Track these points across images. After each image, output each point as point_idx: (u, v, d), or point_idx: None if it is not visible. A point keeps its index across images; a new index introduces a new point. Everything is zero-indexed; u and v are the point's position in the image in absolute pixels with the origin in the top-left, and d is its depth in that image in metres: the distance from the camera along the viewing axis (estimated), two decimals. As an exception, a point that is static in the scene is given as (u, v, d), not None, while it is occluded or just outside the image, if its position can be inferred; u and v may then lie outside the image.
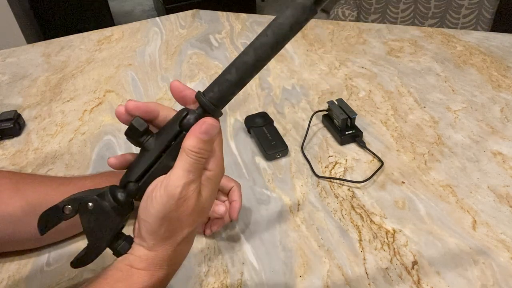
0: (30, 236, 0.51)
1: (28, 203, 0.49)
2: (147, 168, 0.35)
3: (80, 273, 0.52)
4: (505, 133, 0.71)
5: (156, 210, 0.33)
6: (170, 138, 0.35)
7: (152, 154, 0.35)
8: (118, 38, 1.18)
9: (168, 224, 0.34)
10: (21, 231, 0.50)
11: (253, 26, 1.19)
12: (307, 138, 0.72)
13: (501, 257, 0.51)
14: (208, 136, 0.34)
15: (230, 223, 0.58)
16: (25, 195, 0.50)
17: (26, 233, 0.50)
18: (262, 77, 0.93)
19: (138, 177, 0.35)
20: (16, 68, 1.05)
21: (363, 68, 0.93)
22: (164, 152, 0.35)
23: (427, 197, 0.60)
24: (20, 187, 0.51)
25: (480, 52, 0.95)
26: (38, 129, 0.81)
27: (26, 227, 0.50)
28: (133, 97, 0.89)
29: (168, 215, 0.33)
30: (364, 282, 0.49)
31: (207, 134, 0.34)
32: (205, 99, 0.34)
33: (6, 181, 0.51)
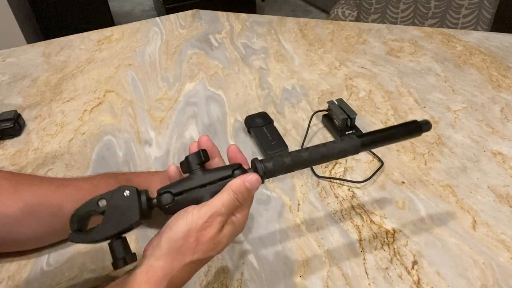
0: (28, 237, 0.51)
1: (26, 204, 0.49)
2: (188, 189, 0.41)
3: (80, 273, 0.52)
4: (505, 133, 0.71)
5: (185, 222, 0.38)
6: (218, 177, 0.42)
7: (197, 182, 0.41)
8: (118, 38, 1.18)
9: (186, 240, 0.38)
10: (19, 232, 0.50)
11: (253, 26, 1.19)
12: (307, 138, 0.72)
13: (501, 257, 0.51)
14: (251, 186, 0.40)
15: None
16: (23, 196, 0.50)
17: (24, 234, 0.50)
18: (262, 77, 0.93)
19: (177, 193, 0.41)
20: (16, 68, 1.05)
21: (363, 68, 0.93)
22: (207, 185, 0.41)
23: (427, 197, 0.60)
24: (18, 188, 0.51)
25: (480, 52, 0.95)
26: (38, 129, 0.81)
27: (24, 228, 0.49)
28: (133, 97, 0.89)
29: (191, 232, 0.38)
30: (364, 282, 0.49)
31: (251, 184, 0.40)
32: (260, 165, 0.42)
33: (4, 182, 0.51)
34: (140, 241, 0.56)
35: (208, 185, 0.41)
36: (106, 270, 0.52)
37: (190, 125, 0.79)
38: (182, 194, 0.41)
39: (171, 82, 0.94)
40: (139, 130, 0.79)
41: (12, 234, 0.50)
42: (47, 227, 0.51)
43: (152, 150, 0.73)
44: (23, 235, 0.50)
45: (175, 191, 0.41)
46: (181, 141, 0.75)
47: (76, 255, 0.54)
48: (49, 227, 0.51)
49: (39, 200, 0.50)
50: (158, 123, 0.80)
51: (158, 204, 0.41)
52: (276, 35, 1.12)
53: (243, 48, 1.07)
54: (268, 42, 1.09)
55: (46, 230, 0.51)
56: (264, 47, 1.06)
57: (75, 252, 0.55)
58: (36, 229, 0.50)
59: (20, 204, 0.49)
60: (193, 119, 0.81)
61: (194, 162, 0.42)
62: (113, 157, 0.72)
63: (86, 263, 0.53)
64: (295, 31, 1.14)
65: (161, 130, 0.78)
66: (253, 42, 1.09)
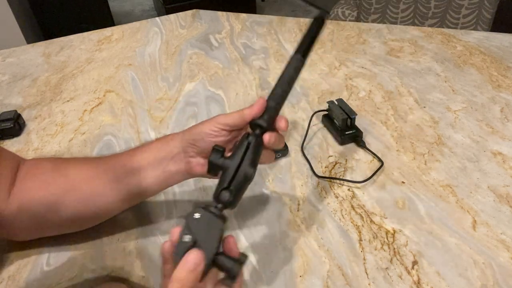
0: (68, 216, 0.51)
1: (68, 182, 0.51)
2: (233, 175, 0.42)
3: (80, 273, 0.52)
4: (505, 133, 0.71)
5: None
6: (239, 147, 0.43)
7: (233, 167, 0.42)
8: (118, 38, 1.18)
9: None
10: (60, 211, 0.50)
11: (253, 26, 1.19)
12: (307, 138, 0.72)
13: (501, 257, 0.51)
14: (193, 267, 0.36)
15: (230, 223, 0.58)
16: (68, 175, 0.52)
17: (65, 213, 0.51)
18: (262, 77, 0.93)
19: (228, 183, 0.42)
20: (16, 68, 1.05)
21: (363, 68, 0.93)
22: (242, 160, 0.43)
23: (427, 197, 0.60)
24: (62, 167, 0.52)
25: (480, 52, 0.95)
26: (38, 129, 0.81)
27: (66, 208, 0.50)
28: (133, 97, 0.89)
29: None
30: (364, 282, 0.49)
31: (192, 265, 0.36)
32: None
33: (48, 164, 0.53)
34: (139, 241, 0.56)
35: (242, 161, 0.43)
36: (106, 270, 0.53)
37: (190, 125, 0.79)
38: (232, 182, 0.42)
39: (171, 82, 0.94)
40: (139, 130, 0.79)
41: (57, 212, 0.50)
42: (88, 207, 0.51)
43: (152, 150, 0.73)
44: (67, 212, 0.51)
45: (225, 183, 0.42)
46: (181, 141, 0.75)
47: (76, 255, 0.54)
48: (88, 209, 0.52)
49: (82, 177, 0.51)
50: (158, 123, 0.80)
51: (223, 205, 0.41)
52: (276, 35, 1.12)
53: (243, 48, 1.07)
54: (268, 42, 1.09)
55: (85, 211, 0.52)
56: (264, 47, 1.06)
57: (75, 252, 0.55)
58: (76, 208, 0.51)
59: (63, 180, 0.51)
60: (193, 119, 0.81)
61: (218, 158, 0.44)
62: (113, 157, 0.72)
63: (86, 263, 0.53)
64: (295, 31, 1.14)
65: (161, 130, 0.78)
66: (253, 42, 1.09)
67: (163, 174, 0.51)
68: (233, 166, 0.43)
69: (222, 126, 0.48)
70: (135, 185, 0.51)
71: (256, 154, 0.44)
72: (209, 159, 0.44)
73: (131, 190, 0.52)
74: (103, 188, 0.51)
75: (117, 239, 0.56)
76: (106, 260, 0.54)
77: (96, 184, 0.51)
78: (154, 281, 0.51)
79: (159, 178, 0.51)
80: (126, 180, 0.51)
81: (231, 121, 0.47)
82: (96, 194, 0.51)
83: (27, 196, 0.49)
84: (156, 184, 0.52)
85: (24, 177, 0.51)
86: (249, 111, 0.46)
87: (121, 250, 0.55)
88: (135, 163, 0.51)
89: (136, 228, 0.57)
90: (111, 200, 0.51)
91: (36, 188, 0.50)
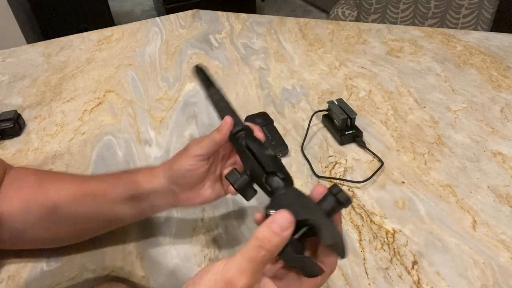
0: (51, 234, 0.51)
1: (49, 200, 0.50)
2: (262, 166, 0.42)
3: (80, 273, 0.52)
4: (505, 133, 0.71)
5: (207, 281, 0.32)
6: (248, 151, 0.44)
7: (255, 165, 0.42)
8: (118, 38, 1.18)
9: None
10: (41, 229, 0.50)
11: (253, 26, 1.19)
12: (307, 138, 0.72)
13: (501, 257, 0.51)
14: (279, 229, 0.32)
15: (230, 223, 0.58)
16: (48, 192, 0.50)
17: (46, 231, 0.50)
18: (262, 77, 0.93)
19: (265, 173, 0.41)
20: (16, 68, 1.05)
21: (363, 68, 0.93)
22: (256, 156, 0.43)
23: (427, 197, 0.60)
24: (44, 185, 0.51)
25: (480, 52, 0.95)
26: (38, 129, 0.81)
27: (45, 228, 0.50)
28: (133, 97, 0.89)
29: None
30: (364, 282, 0.49)
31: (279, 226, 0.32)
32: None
33: (31, 178, 0.52)
34: (139, 241, 0.56)
35: (255, 155, 0.43)
36: (106, 270, 0.53)
37: (190, 125, 0.79)
38: (265, 169, 0.41)
39: (171, 82, 0.94)
40: (139, 130, 0.79)
41: (37, 230, 0.50)
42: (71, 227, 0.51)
43: (152, 150, 0.73)
44: (47, 231, 0.50)
45: (265, 176, 0.41)
46: (181, 141, 0.75)
47: (76, 255, 0.54)
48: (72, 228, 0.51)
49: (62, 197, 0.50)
50: (158, 123, 0.80)
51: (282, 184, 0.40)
52: (276, 35, 1.12)
53: (243, 48, 1.07)
54: (268, 42, 1.09)
55: (64, 231, 0.51)
56: (264, 47, 1.06)
57: (75, 252, 0.55)
58: (54, 228, 0.50)
59: (44, 199, 0.49)
60: (193, 119, 0.81)
61: (239, 178, 0.44)
62: (113, 157, 0.72)
63: (86, 263, 0.53)
64: (295, 31, 1.14)
65: (161, 130, 0.78)
66: (253, 42, 1.09)
67: (149, 207, 0.51)
68: (255, 164, 0.42)
69: (199, 158, 0.46)
70: (115, 213, 0.50)
71: (259, 142, 0.44)
72: (236, 188, 0.43)
73: (111, 219, 0.51)
74: (83, 211, 0.50)
75: (117, 239, 0.56)
76: (106, 260, 0.54)
77: (75, 208, 0.50)
78: (154, 281, 0.51)
79: (142, 209, 0.51)
80: (108, 208, 0.50)
81: (205, 151, 0.46)
82: (74, 218, 0.50)
83: (8, 207, 0.48)
84: (137, 214, 0.52)
85: (6, 188, 0.50)
86: (219, 136, 0.46)
87: (121, 250, 0.55)
88: (118, 193, 0.49)
89: (136, 228, 0.57)
90: (90, 225, 0.51)
91: (17, 202, 0.49)
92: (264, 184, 0.41)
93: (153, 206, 0.51)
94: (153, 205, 0.50)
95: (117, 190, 0.49)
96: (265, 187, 0.41)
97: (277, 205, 0.37)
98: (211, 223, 0.58)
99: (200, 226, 0.58)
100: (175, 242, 0.56)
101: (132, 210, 0.50)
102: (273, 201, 0.38)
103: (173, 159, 0.48)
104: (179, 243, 0.56)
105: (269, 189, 0.40)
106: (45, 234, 0.51)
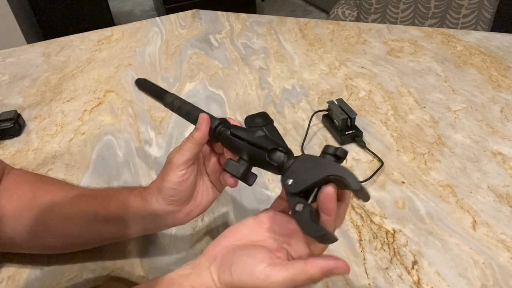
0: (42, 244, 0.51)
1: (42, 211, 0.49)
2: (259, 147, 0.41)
3: (80, 273, 0.52)
4: (505, 133, 0.71)
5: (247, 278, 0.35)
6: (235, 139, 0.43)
7: (250, 149, 0.42)
8: (118, 38, 1.18)
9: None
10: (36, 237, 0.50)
11: (253, 26, 1.19)
12: (307, 138, 0.72)
13: (501, 257, 0.51)
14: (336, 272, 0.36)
15: (230, 223, 0.58)
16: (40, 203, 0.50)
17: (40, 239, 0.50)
18: (262, 77, 0.93)
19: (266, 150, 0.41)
20: (16, 68, 1.05)
21: (363, 68, 0.93)
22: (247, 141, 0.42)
23: (427, 197, 0.60)
24: (38, 194, 0.50)
25: (480, 52, 0.95)
26: (38, 129, 0.81)
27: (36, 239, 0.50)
28: (133, 97, 0.89)
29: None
30: (364, 282, 0.49)
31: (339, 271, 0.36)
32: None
33: (25, 186, 0.52)
34: (140, 241, 0.56)
35: (245, 140, 0.42)
36: (106, 270, 0.52)
37: (190, 125, 0.78)
38: (265, 149, 0.41)
39: (171, 82, 0.94)
40: (139, 130, 0.79)
41: (28, 240, 0.49)
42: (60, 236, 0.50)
43: (152, 150, 0.73)
44: (38, 243, 0.50)
45: (266, 153, 0.41)
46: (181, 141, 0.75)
47: (76, 255, 0.54)
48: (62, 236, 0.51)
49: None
50: (158, 123, 0.80)
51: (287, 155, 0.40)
52: (276, 35, 1.12)
53: (243, 48, 1.07)
54: (268, 42, 1.09)
55: (56, 243, 0.51)
56: (264, 47, 1.06)
57: (75, 252, 0.55)
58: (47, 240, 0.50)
59: (37, 212, 0.48)
60: (193, 119, 0.81)
61: (236, 167, 0.43)
62: (113, 157, 0.72)
63: (86, 263, 0.53)
64: (295, 31, 1.14)
65: (161, 130, 0.78)
66: (253, 42, 1.09)
67: (143, 230, 0.49)
68: (250, 148, 0.42)
69: (185, 166, 0.44)
70: (109, 232, 0.49)
71: (242, 128, 0.44)
72: (238, 177, 0.43)
73: (105, 236, 0.50)
74: (74, 230, 0.49)
75: (117, 239, 0.56)
76: (106, 260, 0.54)
77: (69, 225, 0.49)
78: (154, 281, 0.51)
79: (140, 229, 0.49)
80: (100, 227, 0.49)
81: (189, 155, 0.44)
82: (68, 233, 0.50)
83: (1, 213, 0.48)
84: (134, 233, 0.50)
85: (1, 193, 0.50)
86: (200, 134, 0.45)
87: (121, 250, 0.55)
88: (111, 213, 0.48)
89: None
90: (84, 240, 0.51)
91: (9, 210, 0.48)
92: (269, 162, 0.40)
93: (145, 230, 0.49)
94: (146, 228, 0.48)
95: (108, 211, 0.48)
96: (271, 165, 0.40)
97: (293, 174, 0.37)
98: (211, 223, 0.58)
99: (200, 226, 0.58)
100: (175, 242, 0.56)
101: (121, 231, 0.49)
102: (287, 173, 0.38)
103: (160, 179, 0.45)
104: (179, 243, 0.56)
105: (276, 164, 0.40)
106: (36, 244, 0.50)
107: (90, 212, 0.49)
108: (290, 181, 0.37)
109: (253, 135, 0.42)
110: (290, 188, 0.37)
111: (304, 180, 0.36)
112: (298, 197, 0.36)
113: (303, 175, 0.36)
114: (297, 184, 0.36)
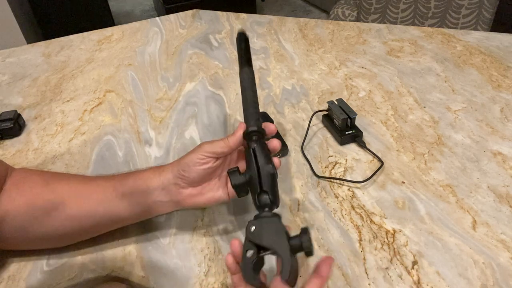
0: (58, 232, 0.51)
1: (57, 196, 0.51)
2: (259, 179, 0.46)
3: (80, 273, 0.52)
4: (505, 133, 0.71)
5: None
6: (254, 157, 0.47)
7: (255, 174, 0.47)
8: (118, 38, 1.18)
9: None
10: (48, 225, 0.50)
11: (253, 26, 1.19)
12: (307, 138, 0.72)
13: (501, 257, 0.51)
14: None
15: (230, 223, 0.58)
16: (56, 189, 0.51)
17: (54, 228, 0.50)
18: (262, 77, 0.93)
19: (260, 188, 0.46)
20: (16, 68, 1.05)
21: (363, 68, 0.93)
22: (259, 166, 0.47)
23: (427, 197, 0.60)
24: (50, 182, 0.52)
25: (480, 52, 0.95)
26: (38, 129, 0.81)
27: (55, 222, 0.50)
28: (133, 97, 0.89)
29: None
30: (364, 282, 0.49)
31: None
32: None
33: (37, 177, 0.53)
34: (140, 241, 0.56)
35: (258, 165, 0.47)
36: (106, 270, 0.53)
37: (190, 125, 0.79)
38: (262, 185, 0.46)
39: (171, 82, 0.94)
40: (139, 130, 0.79)
41: (42, 227, 0.50)
42: (78, 222, 0.51)
43: (152, 150, 0.73)
44: (53, 228, 0.50)
45: (258, 190, 0.46)
46: (181, 141, 0.75)
47: (76, 255, 0.54)
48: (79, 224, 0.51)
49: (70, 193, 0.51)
50: (158, 123, 0.80)
51: (268, 207, 0.45)
52: (276, 35, 1.12)
53: (243, 48, 1.07)
54: (268, 42, 1.09)
55: (72, 228, 0.51)
56: (264, 47, 1.07)
57: (75, 252, 0.55)
58: (63, 224, 0.51)
59: (52, 196, 0.50)
60: (193, 119, 0.81)
61: (237, 177, 0.48)
62: (113, 157, 0.72)
63: (86, 263, 0.53)
64: (295, 31, 1.14)
65: (161, 130, 0.78)
66: (253, 42, 1.09)
67: (153, 204, 0.51)
68: (254, 173, 0.46)
69: (209, 154, 0.49)
70: (122, 209, 0.51)
71: (266, 153, 0.48)
72: (232, 184, 0.47)
73: (119, 214, 0.52)
74: (90, 208, 0.50)
75: (117, 239, 0.56)
76: (106, 260, 0.54)
77: (84, 204, 0.50)
78: (154, 281, 0.51)
79: (148, 206, 0.52)
80: (114, 203, 0.51)
81: (218, 149, 0.49)
82: (83, 213, 0.50)
83: (12, 206, 0.49)
84: (142, 212, 0.52)
85: (10, 188, 0.50)
86: (234, 139, 0.49)
87: (121, 250, 0.55)
88: (126, 188, 0.51)
89: (136, 228, 0.57)
90: (98, 220, 0.51)
91: (22, 200, 0.49)
92: (255, 197, 0.45)
93: (156, 203, 0.51)
94: (156, 201, 0.51)
95: (125, 185, 0.51)
96: (255, 199, 0.45)
97: (259, 225, 0.42)
98: (211, 223, 0.58)
99: (200, 226, 0.58)
100: (175, 242, 0.56)
101: (135, 207, 0.51)
102: (258, 220, 0.43)
103: (183, 156, 0.51)
104: (179, 243, 0.56)
105: (258, 204, 0.45)
106: (51, 231, 0.51)
107: (107, 188, 0.51)
108: (253, 228, 0.42)
109: (264, 167, 0.46)
110: (249, 235, 0.42)
111: (261, 238, 0.41)
112: (253, 244, 0.41)
113: (263, 233, 0.41)
114: (255, 236, 0.41)
